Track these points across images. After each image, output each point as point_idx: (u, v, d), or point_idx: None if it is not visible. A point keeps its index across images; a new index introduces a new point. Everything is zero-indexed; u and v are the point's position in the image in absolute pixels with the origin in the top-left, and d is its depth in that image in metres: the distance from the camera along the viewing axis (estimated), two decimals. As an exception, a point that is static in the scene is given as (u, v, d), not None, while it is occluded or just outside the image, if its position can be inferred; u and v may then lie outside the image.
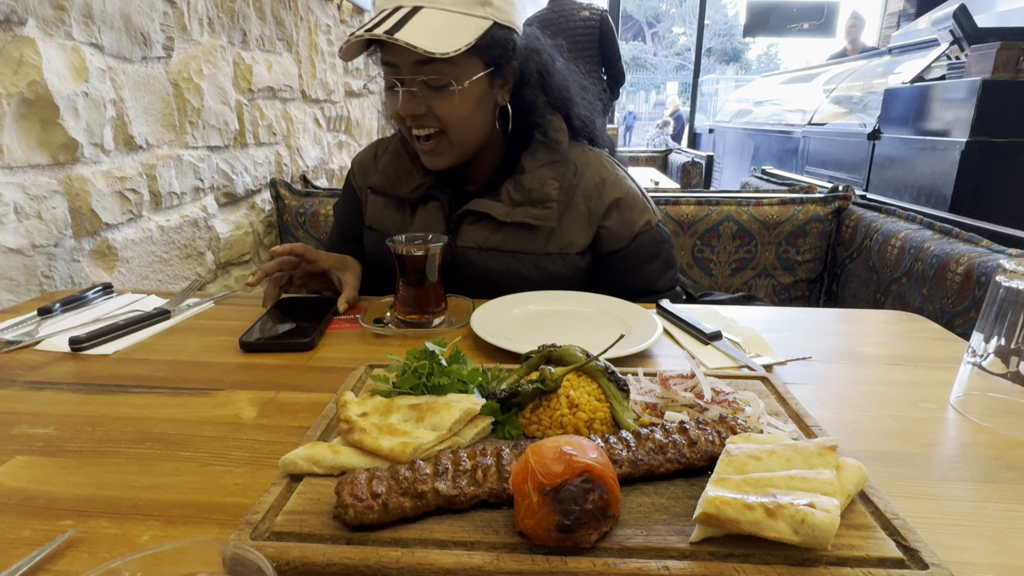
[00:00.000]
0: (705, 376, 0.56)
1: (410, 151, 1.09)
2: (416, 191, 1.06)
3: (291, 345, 0.77)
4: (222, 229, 1.53)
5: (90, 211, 1.08)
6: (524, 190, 1.00)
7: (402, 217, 1.09)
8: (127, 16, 1.15)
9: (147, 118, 1.23)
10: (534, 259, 1.02)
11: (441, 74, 0.91)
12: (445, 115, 0.94)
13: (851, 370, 0.73)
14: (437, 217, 1.06)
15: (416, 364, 0.55)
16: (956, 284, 1.14)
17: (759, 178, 2.31)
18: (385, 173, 1.10)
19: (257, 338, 0.78)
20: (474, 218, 1.03)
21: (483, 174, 1.09)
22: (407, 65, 0.91)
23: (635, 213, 1.05)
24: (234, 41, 1.55)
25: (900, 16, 6.83)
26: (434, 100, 0.93)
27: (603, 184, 1.04)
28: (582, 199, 1.03)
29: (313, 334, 0.79)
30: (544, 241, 1.02)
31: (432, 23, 0.87)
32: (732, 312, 0.94)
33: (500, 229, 1.02)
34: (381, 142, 1.20)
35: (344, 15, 2.32)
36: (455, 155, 0.99)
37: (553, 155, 1.02)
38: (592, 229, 1.03)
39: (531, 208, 1.00)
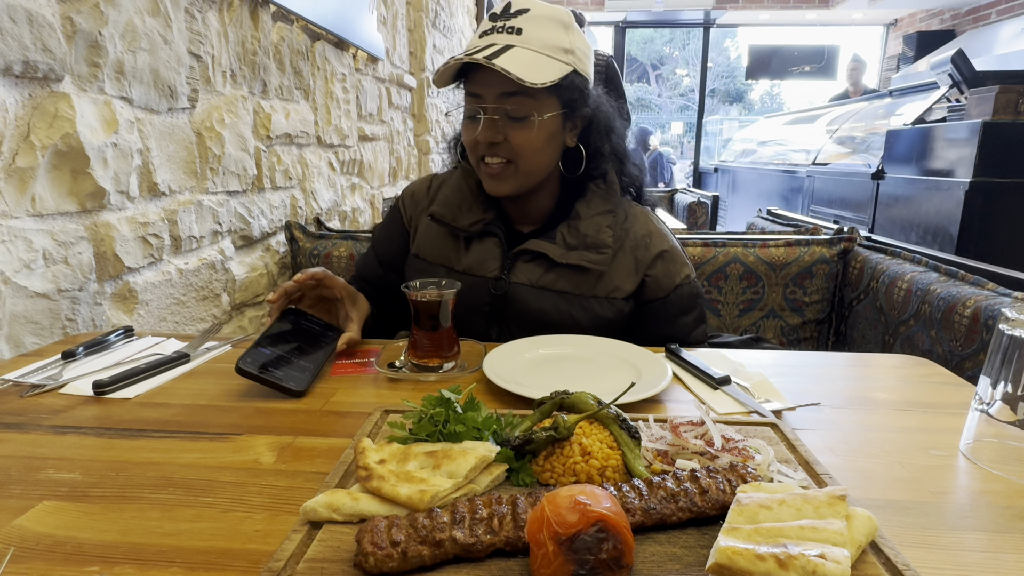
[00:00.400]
0: (715, 423, 0.57)
1: (472, 186, 1.16)
2: (475, 225, 1.12)
3: (284, 389, 0.78)
4: (238, 271, 1.56)
5: (114, 256, 1.12)
6: (579, 235, 1.07)
7: (456, 249, 1.14)
8: (156, 71, 1.21)
9: (171, 166, 1.28)
10: (582, 300, 1.07)
11: (522, 106, 1.00)
12: (520, 144, 1.02)
13: (861, 416, 0.74)
14: (494, 252, 1.11)
15: (432, 411, 0.56)
16: (964, 327, 1.15)
17: (764, 219, 2.34)
18: (448, 203, 1.15)
19: (252, 367, 0.78)
20: (529, 257, 1.09)
21: (537, 215, 1.16)
22: (492, 95, 1.00)
23: (676, 266, 1.12)
24: (254, 91, 1.62)
25: (899, 59, 6.99)
26: (512, 130, 1.02)
27: (650, 236, 1.12)
28: (630, 248, 1.10)
29: (307, 383, 0.80)
30: (593, 284, 1.07)
31: (523, 59, 0.97)
32: (740, 356, 0.95)
33: (553, 269, 1.07)
34: (435, 176, 1.26)
35: (359, 63, 2.41)
36: (518, 183, 1.06)
37: (607, 204, 1.11)
38: (638, 277, 1.10)
39: (586, 252, 1.06)
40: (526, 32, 1.00)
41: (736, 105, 22.21)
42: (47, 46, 0.95)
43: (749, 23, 8.18)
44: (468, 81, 1.04)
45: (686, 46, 21.92)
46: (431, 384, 0.83)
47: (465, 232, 1.12)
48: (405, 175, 3.21)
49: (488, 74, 0.99)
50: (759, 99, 22.61)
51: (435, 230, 1.16)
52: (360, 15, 2.32)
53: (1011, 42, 5.26)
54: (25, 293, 0.95)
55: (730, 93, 22.26)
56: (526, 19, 1.01)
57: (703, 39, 8.18)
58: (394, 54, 2.91)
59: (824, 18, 7.83)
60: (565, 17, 1.04)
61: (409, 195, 1.25)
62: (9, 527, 0.51)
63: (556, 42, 1.01)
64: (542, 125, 1.02)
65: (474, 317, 1.10)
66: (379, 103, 2.69)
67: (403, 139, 3.14)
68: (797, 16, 7.72)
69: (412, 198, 1.25)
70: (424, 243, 1.17)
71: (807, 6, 7.44)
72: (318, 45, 2.01)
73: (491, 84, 0.99)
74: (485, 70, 0.98)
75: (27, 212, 0.95)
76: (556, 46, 1.01)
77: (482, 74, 1.00)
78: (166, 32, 1.23)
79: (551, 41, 1.01)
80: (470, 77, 1.03)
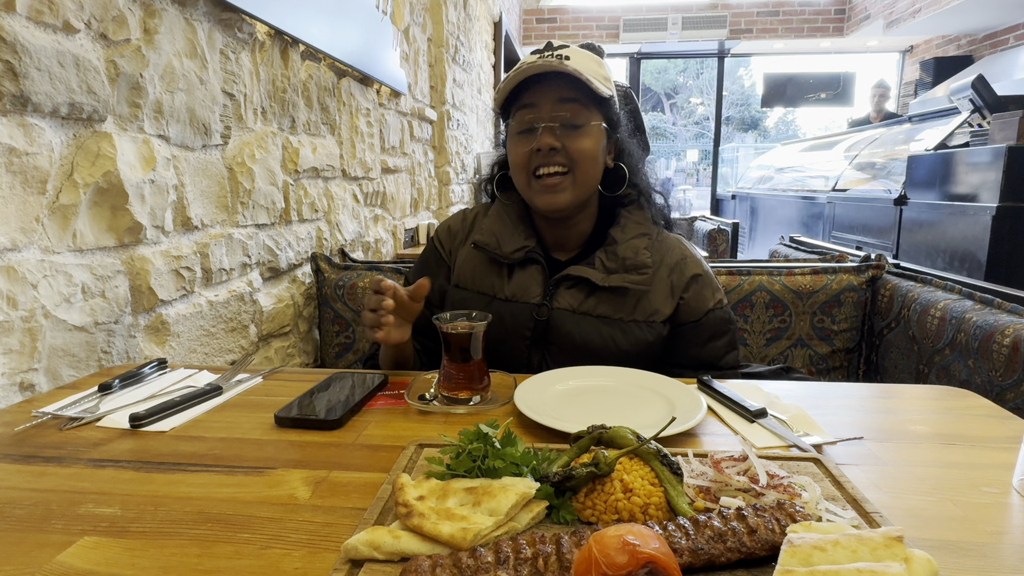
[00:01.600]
0: (758, 458, 0.56)
1: (512, 215, 1.19)
2: (518, 252, 1.14)
3: (319, 423, 0.79)
4: (265, 302, 1.59)
5: (148, 289, 1.14)
6: (618, 259, 1.10)
7: (499, 277, 1.16)
8: (192, 110, 1.25)
9: (203, 200, 1.31)
10: (622, 324, 1.09)
11: (578, 114, 1.06)
12: (577, 151, 1.06)
13: (904, 450, 0.71)
14: (536, 279, 1.13)
15: (470, 447, 0.56)
16: (1003, 356, 1.12)
17: (788, 246, 2.32)
18: (492, 231, 1.18)
19: (289, 414, 0.80)
20: (571, 282, 1.11)
21: (576, 240, 1.19)
22: (549, 103, 1.05)
23: (709, 290, 1.14)
24: (283, 127, 1.66)
25: (917, 85, 6.98)
26: (570, 138, 1.06)
27: (684, 260, 1.15)
28: (666, 272, 1.13)
29: (342, 413, 0.81)
30: (632, 308, 1.10)
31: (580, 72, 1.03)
32: (774, 388, 0.93)
33: (594, 294, 1.10)
34: (467, 211, 1.29)
35: (382, 98, 2.47)
36: (575, 194, 1.09)
37: (642, 228, 1.14)
38: (674, 300, 1.12)
39: (627, 274, 1.09)
40: (574, 59, 1.05)
41: (751, 132, 22.27)
42: (92, 88, 0.99)
43: (763, 52, 8.25)
44: (520, 98, 1.09)
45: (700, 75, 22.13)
46: (461, 417, 0.83)
47: (508, 259, 1.14)
48: (426, 206, 3.25)
49: (545, 84, 1.05)
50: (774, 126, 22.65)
51: (477, 259, 1.18)
52: (384, 52, 2.39)
53: (1030, 67, 5.23)
54: (64, 327, 0.97)
55: (745, 121, 22.35)
56: (570, 51, 1.07)
57: (718, 68, 8.27)
58: (416, 89, 2.98)
59: (839, 46, 7.87)
60: (597, 57, 1.12)
61: (445, 231, 1.28)
62: (52, 563, 0.51)
63: (599, 72, 1.09)
64: (596, 133, 1.08)
65: (516, 343, 1.12)
66: (401, 136, 2.74)
67: (424, 170, 3.20)
68: (811, 45, 7.78)
69: (448, 232, 1.27)
70: (466, 273, 1.19)
71: (821, 35, 7.50)
72: (344, 82, 2.06)
73: (548, 93, 1.05)
74: (540, 86, 1.05)
75: (68, 248, 0.98)
76: (600, 74, 1.08)
77: (536, 89, 1.06)
78: (202, 73, 1.28)
79: (595, 70, 1.08)
80: (522, 97, 1.08)
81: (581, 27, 7.62)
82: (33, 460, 0.70)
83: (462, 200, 3.95)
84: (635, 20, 7.34)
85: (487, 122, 5.20)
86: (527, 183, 1.10)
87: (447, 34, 3.41)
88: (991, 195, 2.86)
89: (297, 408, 0.82)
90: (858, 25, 7.21)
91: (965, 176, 3.10)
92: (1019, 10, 5.67)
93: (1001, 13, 5.81)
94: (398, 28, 2.60)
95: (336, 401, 0.85)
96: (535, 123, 1.06)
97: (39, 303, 0.92)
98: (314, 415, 0.79)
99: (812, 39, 7.53)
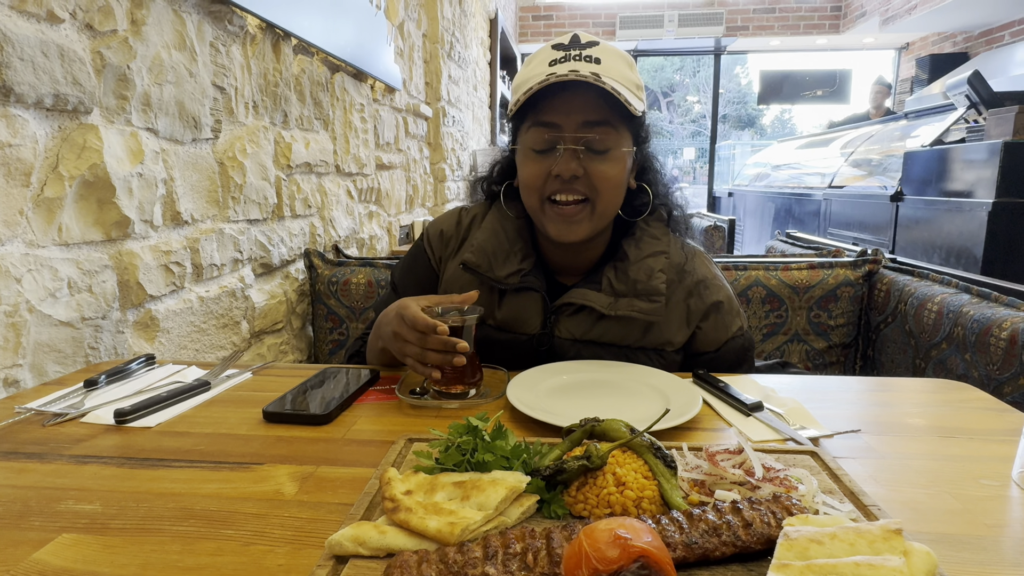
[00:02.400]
0: (754, 451, 0.55)
1: (509, 230, 1.04)
2: (512, 277, 1.00)
3: (309, 418, 0.77)
4: (257, 299, 1.57)
5: (137, 284, 1.12)
6: (628, 280, 0.97)
7: (488, 300, 1.02)
8: (181, 103, 1.23)
9: (193, 195, 1.30)
10: (629, 353, 0.98)
11: (606, 138, 0.91)
12: (601, 180, 0.92)
13: (901, 443, 0.70)
14: (534, 307, 1.01)
15: (459, 440, 0.54)
16: (1001, 350, 1.11)
17: (784, 241, 2.31)
18: (483, 251, 1.02)
19: (279, 409, 0.78)
20: (573, 309, 0.99)
21: (584, 264, 1.05)
22: (573, 125, 0.91)
23: (730, 318, 1.02)
24: (275, 122, 1.65)
25: (913, 82, 6.98)
26: (594, 164, 0.92)
27: (704, 283, 1.02)
28: (683, 295, 1.01)
29: (333, 407, 0.79)
30: (641, 335, 0.98)
31: (616, 86, 0.89)
32: (771, 381, 0.92)
33: (600, 322, 0.98)
34: (463, 211, 1.14)
35: (377, 94, 2.45)
36: (593, 226, 0.96)
37: (659, 245, 1.00)
38: (690, 329, 1.01)
39: (636, 300, 0.95)
40: (605, 63, 0.91)
41: (748, 130, 22.29)
42: (77, 79, 0.97)
43: (760, 50, 8.25)
44: (539, 111, 0.93)
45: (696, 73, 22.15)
46: (454, 412, 0.81)
47: (501, 284, 1.00)
48: (421, 202, 3.24)
49: (570, 100, 0.90)
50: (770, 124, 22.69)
51: (466, 278, 1.04)
52: (378, 47, 2.37)
53: (1026, 63, 5.24)
54: (50, 322, 0.95)
55: (741, 118, 22.37)
56: (600, 51, 0.92)
57: (714, 66, 8.26)
58: (411, 84, 2.96)
59: (835, 43, 7.87)
60: (628, 58, 0.97)
61: (437, 234, 1.13)
62: (28, 561, 0.49)
63: (632, 78, 0.94)
64: (622, 160, 0.94)
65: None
66: (396, 132, 2.72)
67: (419, 167, 3.18)
68: (807, 42, 7.77)
69: (440, 238, 1.12)
70: (452, 290, 1.06)
71: (817, 32, 7.49)
72: (337, 76, 2.04)
73: (572, 112, 0.90)
74: (565, 96, 0.90)
75: (53, 241, 0.96)
76: (633, 81, 0.94)
77: (561, 100, 0.91)
78: (191, 65, 1.26)
79: (628, 76, 0.93)
80: (542, 107, 0.93)
81: (577, 24, 7.60)
82: (14, 456, 0.68)
83: (458, 197, 3.93)
84: (632, 17, 7.32)
85: (483, 119, 5.19)
86: (539, 206, 0.96)
87: (442, 30, 3.39)
88: (987, 191, 2.86)
89: (286, 403, 0.81)
90: (854, 22, 7.21)
91: (961, 172, 3.10)
92: (1015, 6, 5.67)
93: (996, 9, 5.81)
94: (392, 23, 2.58)
95: (326, 396, 0.83)
96: (556, 143, 0.91)
97: (23, 297, 0.90)
98: (303, 410, 0.78)
99: (808, 36, 7.53)
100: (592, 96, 0.90)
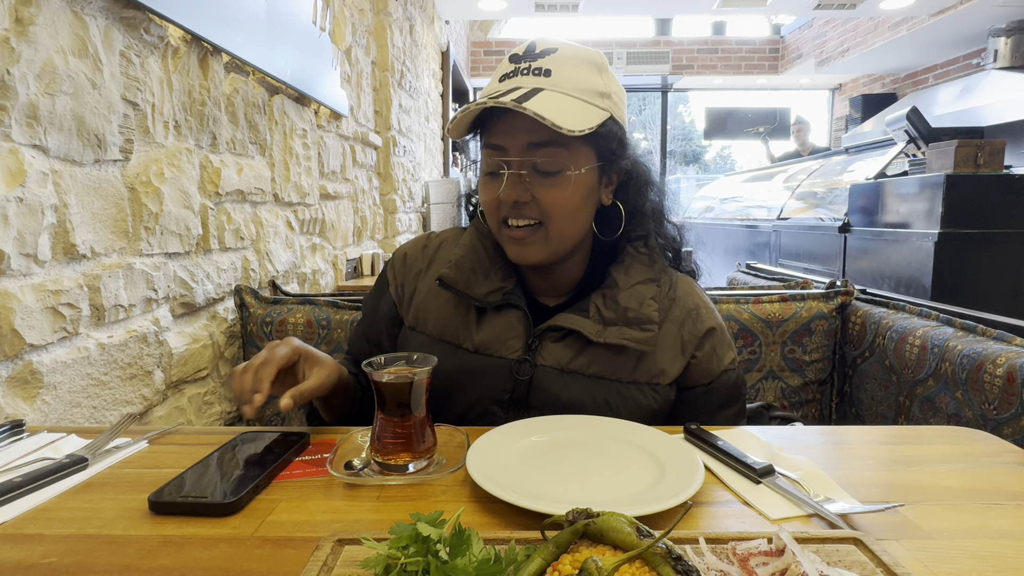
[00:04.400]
0: (807, 555, 0.41)
1: (489, 247, 0.98)
2: (493, 295, 0.93)
3: (209, 507, 0.60)
4: (176, 343, 1.37)
5: (11, 331, 0.92)
6: (619, 308, 0.89)
7: (465, 322, 0.94)
8: (80, 117, 1.05)
9: (94, 224, 1.10)
10: (619, 387, 0.89)
11: (554, 159, 0.85)
12: (551, 204, 0.86)
13: (944, 515, 0.59)
14: (515, 329, 0.92)
15: (405, 558, 0.39)
16: (997, 388, 1.03)
17: (746, 273, 2.26)
18: (461, 268, 0.94)
19: (170, 498, 0.61)
20: (559, 335, 0.91)
21: (565, 285, 0.98)
22: (518, 147, 0.85)
23: (723, 348, 0.95)
24: (202, 144, 1.47)
25: (847, 120, 7.34)
26: (542, 188, 0.86)
27: (697, 311, 0.96)
28: (675, 324, 0.94)
29: (242, 492, 0.62)
30: (632, 368, 0.90)
31: (555, 103, 0.82)
32: (769, 435, 0.80)
33: (586, 350, 0.90)
34: (431, 235, 1.08)
35: (321, 120, 2.30)
36: (548, 251, 0.89)
37: (650, 272, 0.93)
38: (684, 359, 0.93)
39: (627, 328, 0.88)
40: (556, 73, 0.85)
41: (692, 165, 23.10)
42: (-68, 82, 0.79)
43: (704, 87, 8.54)
44: (488, 132, 0.89)
45: (641, 111, 22.92)
46: (399, 490, 0.65)
47: (480, 302, 0.92)
48: (371, 235, 3.07)
49: (513, 122, 0.85)
50: (713, 159, 23.59)
51: (441, 298, 0.97)
52: (323, 71, 2.23)
53: (949, 104, 5.56)
54: None
55: (686, 154, 23.19)
56: (554, 59, 0.86)
57: (662, 102, 8.50)
58: (359, 112, 2.83)
59: (774, 83, 8.23)
60: (597, 58, 0.90)
61: (400, 257, 1.06)
62: None
63: (590, 85, 0.87)
64: (577, 181, 0.86)
65: (489, 408, 0.92)
66: (343, 160, 2.57)
67: (368, 198, 3.02)
68: (749, 81, 8.10)
69: (404, 261, 1.05)
70: (424, 314, 0.98)
71: (758, 72, 7.82)
72: (276, 99, 1.89)
73: (517, 133, 0.85)
74: (509, 118, 0.85)
75: None
76: (591, 89, 0.86)
77: (505, 122, 0.86)
78: (95, 76, 1.09)
79: (584, 84, 0.86)
80: (490, 127, 0.88)
81: (529, 60, 7.68)
82: None
83: (409, 229, 3.78)
84: (581, 54, 7.45)
85: (436, 151, 5.09)
86: (498, 229, 0.92)
87: (392, 58, 3.28)
88: (932, 221, 2.92)
89: (182, 486, 0.63)
90: (791, 63, 7.57)
91: (906, 203, 3.17)
92: (936, 52, 6.07)
93: (921, 54, 6.20)
94: (339, 47, 2.45)
95: (236, 473, 0.66)
96: (500, 168, 0.86)
97: None
98: (201, 496, 0.60)
99: (749, 75, 7.85)
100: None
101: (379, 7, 3.19)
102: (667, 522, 0.53)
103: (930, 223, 2.96)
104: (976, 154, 2.91)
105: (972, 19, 5.18)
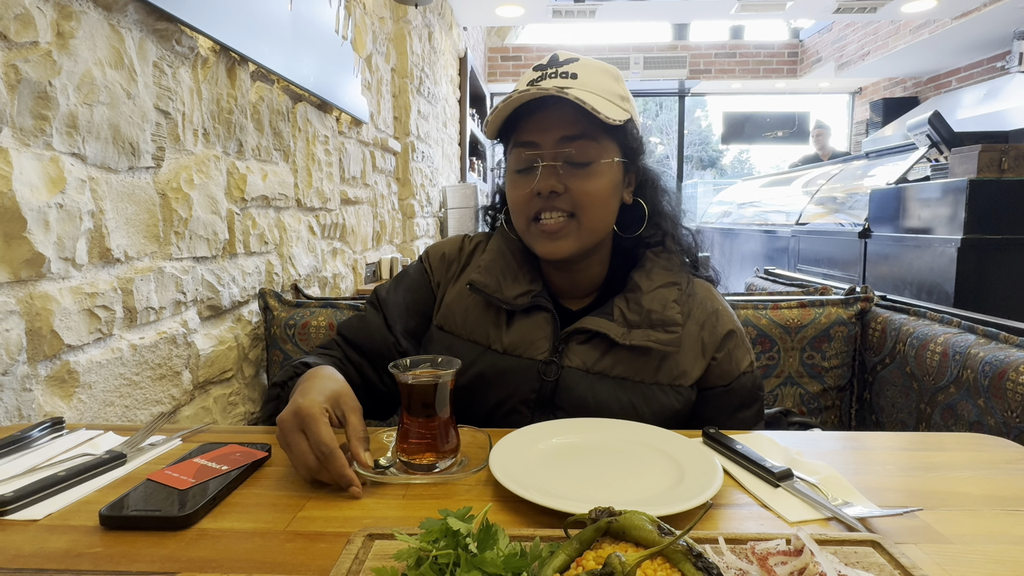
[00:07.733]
0: (826, 556, 0.42)
1: (515, 251, 1.01)
2: (522, 297, 0.96)
3: (161, 521, 0.58)
4: (203, 345, 1.40)
5: (51, 332, 0.96)
6: (643, 311, 0.92)
7: (496, 324, 0.97)
8: (115, 126, 1.09)
9: (128, 229, 1.14)
10: (643, 388, 0.92)
11: (586, 151, 0.90)
12: (584, 194, 0.90)
13: (963, 520, 0.59)
14: (543, 331, 0.95)
15: (436, 551, 0.41)
16: (1020, 395, 1.03)
17: (764, 278, 2.25)
18: (491, 271, 0.99)
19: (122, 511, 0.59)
20: (585, 337, 0.94)
21: (587, 287, 1.02)
22: (551, 141, 0.90)
23: (742, 351, 0.99)
24: (229, 151, 1.51)
25: (868, 124, 7.25)
26: (575, 179, 0.90)
27: (716, 314, 0.99)
28: (696, 327, 0.97)
29: (199, 505, 0.60)
30: (655, 369, 0.93)
31: (588, 98, 0.87)
32: (787, 440, 0.81)
33: (610, 352, 0.93)
34: (466, 238, 1.11)
35: (343, 126, 2.34)
36: (580, 242, 0.93)
37: (671, 276, 0.96)
38: (705, 361, 0.96)
39: (651, 331, 0.91)
40: (582, 77, 0.90)
41: (709, 170, 22.95)
42: (-19, 94, 0.83)
43: (722, 92, 8.49)
44: (519, 131, 0.94)
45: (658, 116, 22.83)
46: (424, 489, 0.67)
47: (510, 305, 0.96)
48: (389, 239, 3.11)
49: (546, 118, 0.90)
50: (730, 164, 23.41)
51: (470, 300, 1.00)
52: (344, 78, 2.27)
53: (972, 107, 5.48)
54: (-71, 381, 0.79)
55: (703, 159, 23.04)
56: (578, 66, 0.92)
57: (679, 107, 8.47)
58: (379, 118, 2.87)
59: (793, 87, 8.16)
60: (613, 70, 0.95)
61: (439, 256, 1.08)
62: None
63: (612, 88, 0.93)
64: (607, 171, 0.92)
65: (516, 407, 0.94)
66: (363, 166, 2.61)
67: (387, 203, 3.06)
68: (767, 85, 8.04)
69: (442, 260, 1.07)
70: (454, 315, 1.00)
71: (776, 76, 7.77)
72: (300, 106, 1.93)
73: (550, 129, 0.90)
74: (541, 115, 0.90)
75: (-59, 284, 0.80)
76: (613, 92, 0.92)
77: (536, 120, 0.91)
78: (130, 86, 1.13)
79: (607, 87, 0.92)
80: (520, 127, 0.93)
81: (545, 65, 7.71)
82: None
83: (427, 234, 3.82)
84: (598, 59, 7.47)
85: (453, 156, 5.13)
86: (526, 227, 0.95)
87: (411, 65, 3.33)
88: (955, 227, 2.89)
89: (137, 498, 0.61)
90: (811, 67, 7.50)
91: (928, 209, 3.13)
92: (959, 55, 5.98)
93: (943, 57, 6.11)
94: (359, 55, 2.49)
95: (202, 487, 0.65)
96: (535, 162, 0.91)
97: None
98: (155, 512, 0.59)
99: (768, 80, 7.79)
100: (568, 111, 0.90)
101: (399, 15, 3.23)
102: (686, 523, 0.54)
103: (953, 229, 2.92)
104: (1000, 159, 2.87)
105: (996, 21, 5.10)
